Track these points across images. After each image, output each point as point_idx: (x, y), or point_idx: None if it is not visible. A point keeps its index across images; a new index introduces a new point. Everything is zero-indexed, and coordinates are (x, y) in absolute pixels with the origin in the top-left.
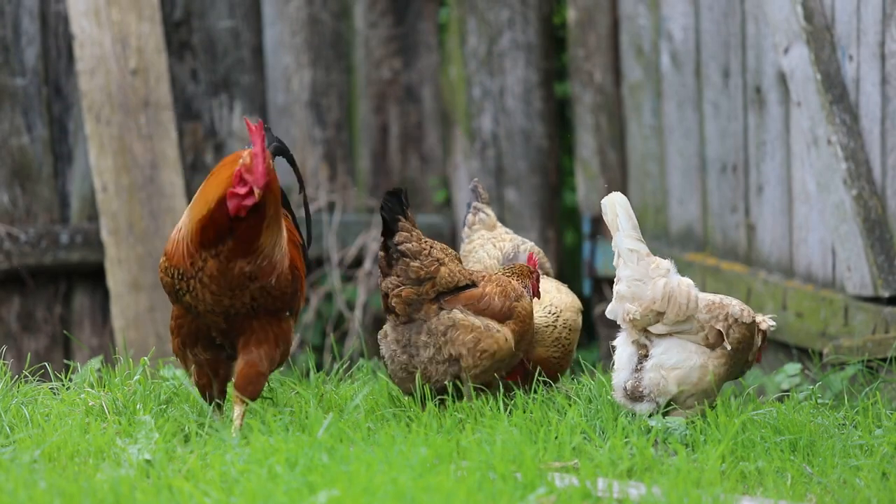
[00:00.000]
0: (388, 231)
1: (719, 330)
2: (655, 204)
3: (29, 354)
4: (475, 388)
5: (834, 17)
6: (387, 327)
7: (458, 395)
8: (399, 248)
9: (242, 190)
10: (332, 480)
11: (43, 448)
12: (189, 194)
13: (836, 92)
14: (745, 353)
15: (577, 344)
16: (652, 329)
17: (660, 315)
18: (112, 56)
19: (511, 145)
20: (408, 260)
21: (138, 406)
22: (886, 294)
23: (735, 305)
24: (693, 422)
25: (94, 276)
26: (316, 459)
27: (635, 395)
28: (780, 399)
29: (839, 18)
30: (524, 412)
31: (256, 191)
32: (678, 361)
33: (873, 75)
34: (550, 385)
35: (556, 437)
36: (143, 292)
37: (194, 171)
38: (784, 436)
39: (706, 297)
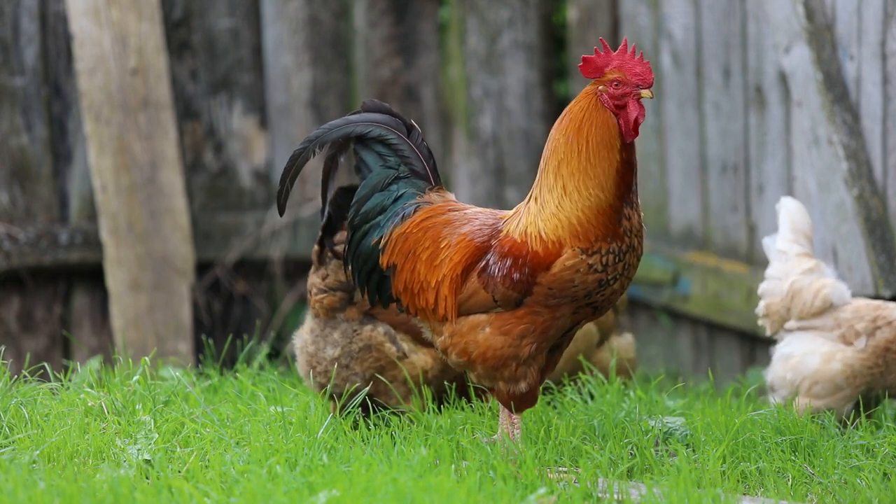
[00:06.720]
0: (329, 228)
1: (857, 329)
2: (656, 203)
3: (28, 354)
4: (477, 390)
5: (835, 16)
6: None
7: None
8: (335, 248)
9: (634, 108)
10: (332, 480)
11: (42, 448)
12: (189, 194)
13: (837, 91)
14: None
15: None
16: (786, 325)
17: (788, 311)
18: (111, 56)
19: (512, 145)
20: (340, 262)
21: (138, 406)
22: (887, 294)
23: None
24: (693, 422)
25: (93, 276)
26: (316, 459)
27: (770, 387)
28: None
29: (840, 18)
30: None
31: (646, 91)
32: (794, 351)
33: (874, 75)
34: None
35: (556, 437)
36: (143, 292)
37: (194, 171)
38: (785, 436)
39: (861, 302)
